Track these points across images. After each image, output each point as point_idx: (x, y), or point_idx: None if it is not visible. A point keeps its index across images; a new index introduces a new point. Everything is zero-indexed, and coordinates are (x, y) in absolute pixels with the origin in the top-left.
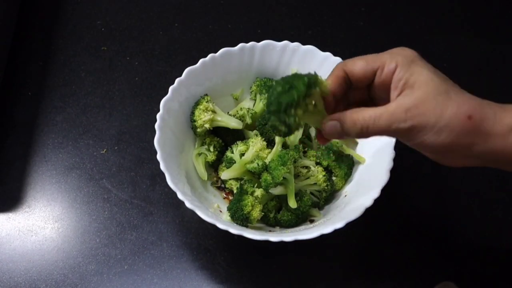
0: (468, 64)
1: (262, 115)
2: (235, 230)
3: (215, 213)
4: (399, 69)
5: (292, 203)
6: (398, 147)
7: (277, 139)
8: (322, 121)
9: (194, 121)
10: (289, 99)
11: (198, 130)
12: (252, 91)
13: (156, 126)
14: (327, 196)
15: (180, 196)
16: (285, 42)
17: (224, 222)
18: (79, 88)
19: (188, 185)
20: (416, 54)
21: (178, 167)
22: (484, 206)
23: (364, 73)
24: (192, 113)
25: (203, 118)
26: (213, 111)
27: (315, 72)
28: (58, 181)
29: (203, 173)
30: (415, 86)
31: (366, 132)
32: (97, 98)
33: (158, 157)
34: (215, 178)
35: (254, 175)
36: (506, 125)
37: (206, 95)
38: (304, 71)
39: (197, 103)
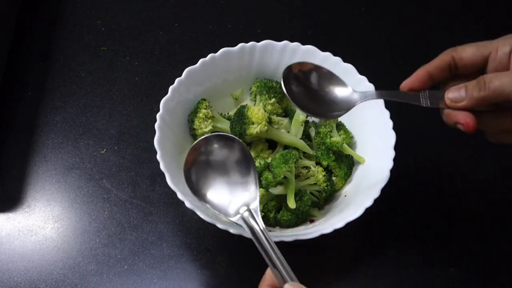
0: None
1: None
2: (235, 230)
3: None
4: None
5: (291, 203)
6: (398, 147)
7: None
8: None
9: (194, 129)
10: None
11: (198, 137)
12: (252, 92)
13: (156, 126)
14: (327, 196)
15: (180, 196)
16: (285, 42)
17: (224, 222)
18: (79, 88)
19: None
20: None
21: (178, 167)
22: (485, 205)
23: (474, 59)
24: (192, 121)
25: (204, 128)
26: (213, 117)
27: None
28: (58, 181)
29: None
30: None
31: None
32: (97, 98)
33: (158, 157)
34: None
35: None
36: None
37: (204, 99)
38: None
39: (195, 111)
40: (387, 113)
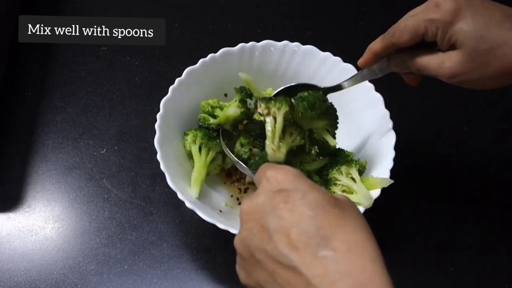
0: None
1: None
2: (235, 230)
3: (220, 211)
4: (439, 33)
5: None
6: (398, 147)
7: None
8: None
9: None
10: None
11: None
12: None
13: (156, 126)
14: None
15: (180, 196)
16: (285, 42)
17: (224, 222)
18: (79, 88)
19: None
20: (456, 5)
21: (179, 167)
22: (485, 204)
23: (411, 42)
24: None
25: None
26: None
27: None
28: (58, 181)
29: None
30: (458, 47)
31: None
32: (97, 98)
33: (158, 157)
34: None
35: None
36: None
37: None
38: (304, 71)
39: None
40: (387, 113)
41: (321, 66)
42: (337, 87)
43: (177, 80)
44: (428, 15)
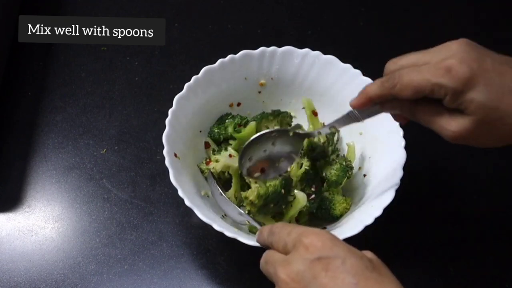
0: None
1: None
2: (230, 233)
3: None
4: (447, 99)
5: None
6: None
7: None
8: None
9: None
10: None
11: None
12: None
13: (167, 121)
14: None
15: (180, 193)
16: (306, 49)
17: (220, 224)
18: (79, 88)
19: (193, 185)
20: (470, 73)
21: (183, 164)
22: (485, 206)
23: (413, 98)
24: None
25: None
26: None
27: None
28: (58, 181)
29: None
30: (466, 114)
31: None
32: (97, 98)
33: (165, 152)
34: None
35: None
36: None
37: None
38: (322, 81)
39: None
40: (400, 132)
41: (340, 78)
42: (310, 134)
43: (193, 78)
44: (437, 79)
